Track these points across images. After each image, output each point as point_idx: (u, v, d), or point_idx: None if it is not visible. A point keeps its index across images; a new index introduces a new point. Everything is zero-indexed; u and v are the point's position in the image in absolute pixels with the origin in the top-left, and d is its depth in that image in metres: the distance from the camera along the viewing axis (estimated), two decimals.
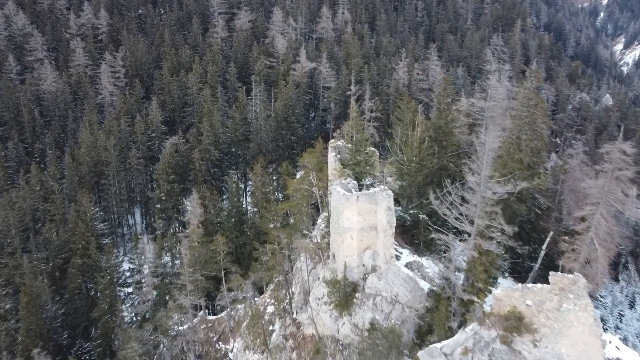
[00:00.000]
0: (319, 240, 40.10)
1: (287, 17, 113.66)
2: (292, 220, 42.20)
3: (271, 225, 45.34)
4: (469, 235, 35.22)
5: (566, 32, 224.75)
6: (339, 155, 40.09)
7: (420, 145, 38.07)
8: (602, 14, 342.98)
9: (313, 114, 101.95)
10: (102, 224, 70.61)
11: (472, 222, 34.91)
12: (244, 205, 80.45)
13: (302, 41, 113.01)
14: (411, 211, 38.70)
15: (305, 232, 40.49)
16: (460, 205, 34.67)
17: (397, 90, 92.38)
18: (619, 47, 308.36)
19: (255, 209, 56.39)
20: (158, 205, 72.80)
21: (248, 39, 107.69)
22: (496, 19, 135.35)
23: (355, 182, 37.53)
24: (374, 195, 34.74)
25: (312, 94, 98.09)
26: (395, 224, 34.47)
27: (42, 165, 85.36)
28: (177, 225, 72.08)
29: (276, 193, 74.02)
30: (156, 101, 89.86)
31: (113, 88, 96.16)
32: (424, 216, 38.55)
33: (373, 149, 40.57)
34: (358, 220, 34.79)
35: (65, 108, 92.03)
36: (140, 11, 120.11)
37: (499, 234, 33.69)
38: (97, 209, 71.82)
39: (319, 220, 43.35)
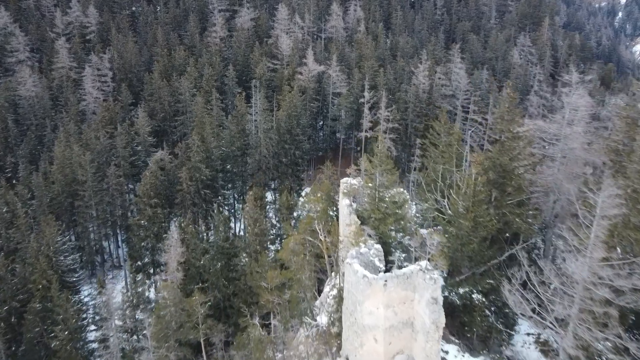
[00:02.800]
0: (323, 323, 27.56)
1: (293, 14, 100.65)
2: (288, 293, 29.83)
3: (264, 285, 32.89)
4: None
5: (587, 32, 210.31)
6: (354, 204, 27.51)
7: (475, 194, 25.22)
8: (620, 14, 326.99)
9: (321, 123, 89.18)
10: (70, 257, 58.46)
11: (562, 322, 22.14)
12: (241, 230, 68.40)
13: (309, 41, 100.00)
14: (461, 289, 25.88)
15: (307, 318, 27.78)
16: (544, 292, 21.91)
17: (417, 97, 79.26)
18: (638, 47, 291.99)
19: (247, 252, 43.81)
20: (139, 233, 60.63)
21: (250, 39, 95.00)
22: (522, 17, 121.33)
23: (379, 247, 24.88)
24: (411, 278, 22.08)
25: (321, 100, 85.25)
26: (443, 324, 21.86)
27: (14, 182, 73.65)
28: (159, 255, 59.93)
29: (274, 218, 61.74)
30: (144, 109, 77.72)
31: (98, 93, 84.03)
32: (480, 296, 25.92)
33: (403, 191, 27.83)
34: (386, 316, 22.18)
35: (43, 116, 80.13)
36: (133, 9, 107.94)
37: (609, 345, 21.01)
38: (65, 238, 59.65)
39: (327, 289, 30.88)
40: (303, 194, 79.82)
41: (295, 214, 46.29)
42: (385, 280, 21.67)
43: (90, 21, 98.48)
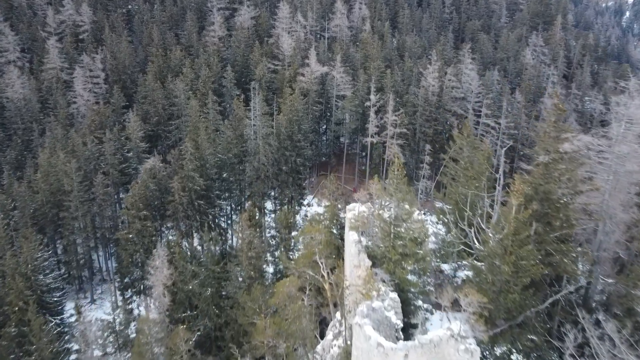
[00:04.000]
0: None
1: (295, 13, 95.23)
2: (282, 345, 24.53)
3: (256, 322, 27.75)
4: None
5: (595, 31, 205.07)
6: (363, 240, 22.28)
7: (517, 231, 19.90)
8: (627, 13, 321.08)
9: (324, 127, 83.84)
10: (51, 275, 53.34)
11: None
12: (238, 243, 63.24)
13: (312, 41, 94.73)
14: (498, 349, 20.60)
15: None
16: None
17: (426, 100, 73.85)
18: None
19: (241, 277, 38.48)
20: (127, 248, 55.62)
21: (249, 39, 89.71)
22: (533, 15, 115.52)
23: (395, 297, 19.65)
24: (440, 347, 16.87)
25: (324, 103, 79.95)
26: None
27: None
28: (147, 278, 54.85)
29: (274, 228, 56.53)
30: (137, 112, 72.70)
31: (89, 96, 78.95)
32: (520, 357, 20.69)
33: (423, 223, 22.53)
34: None
35: (31, 120, 75.13)
36: (129, 7, 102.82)
37: None
38: (46, 254, 54.48)
39: (329, 336, 25.67)
40: (305, 202, 74.72)
41: (294, 234, 41.16)
42: (407, 353, 16.50)
43: (83, 20, 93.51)
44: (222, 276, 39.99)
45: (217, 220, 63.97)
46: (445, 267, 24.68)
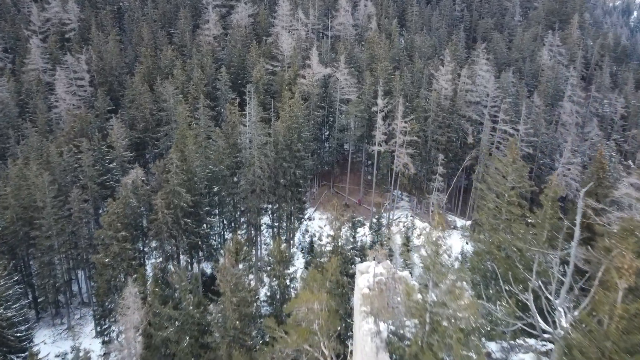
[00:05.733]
0: None
1: (296, 10, 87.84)
2: None
3: None
4: None
5: (604, 31, 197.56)
6: (383, 329, 14.91)
7: (627, 330, 12.68)
8: (635, 13, 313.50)
9: (327, 133, 76.50)
10: (14, 307, 46.24)
11: None
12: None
13: (314, 40, 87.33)
14: None
15: None
16: None
17: (439, 104, 66.44)
18: None
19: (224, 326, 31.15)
20: (104, 273, 48.52)
21: (247, 38, 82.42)
22: (548, 13, 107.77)
23: None
24: None
25: (326, 108, 72.59)
26: None
27: None
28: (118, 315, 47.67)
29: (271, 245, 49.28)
30: (123, 118, 65.64)
31: (73, 99, 71.87)
32: None
33: (474, 306, 15.22)
34: None
35: (7, 126, 68.17)
36: (120, 4, 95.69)
37: None
38: (10, 282, 47.27)
39: None
40: (306, 216, 67.59)
41: (291, 269, 33.98)
42: None
43: (70, 18, 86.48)
44: (203, 321, 32.77)
45: (207, 239, 56.85)
46: (492, 346, 17.36)
